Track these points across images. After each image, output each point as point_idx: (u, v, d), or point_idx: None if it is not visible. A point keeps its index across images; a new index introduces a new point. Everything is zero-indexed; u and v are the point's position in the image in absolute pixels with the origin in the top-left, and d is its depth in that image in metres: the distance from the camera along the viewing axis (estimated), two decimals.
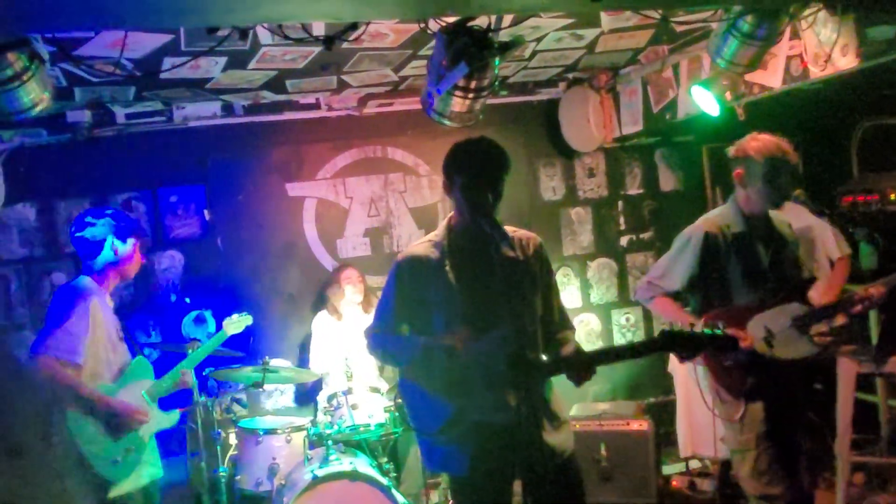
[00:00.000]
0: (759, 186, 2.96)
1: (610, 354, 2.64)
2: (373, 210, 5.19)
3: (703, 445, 4.39)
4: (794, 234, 3.18)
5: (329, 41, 2.58)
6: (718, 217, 3.08)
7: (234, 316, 4.04)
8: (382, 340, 2.59)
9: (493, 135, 4.93)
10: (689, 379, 4.18)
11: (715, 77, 3.91)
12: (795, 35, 3.60)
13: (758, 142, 2.98)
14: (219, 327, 4.80)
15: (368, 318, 4.57)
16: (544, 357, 2.53)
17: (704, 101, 3.97)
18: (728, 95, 3.94)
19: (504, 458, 2.40)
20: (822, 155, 5.55)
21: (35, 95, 2.75)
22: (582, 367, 2.35)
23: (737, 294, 3.00)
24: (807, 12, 3.44)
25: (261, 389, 4.19)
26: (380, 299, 2.62)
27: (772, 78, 3.81)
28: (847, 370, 4.12)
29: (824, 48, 3.39)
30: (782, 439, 2.91)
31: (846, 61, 3.35)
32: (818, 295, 3.17)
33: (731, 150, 3.07)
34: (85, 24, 2.41)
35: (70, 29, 2.68)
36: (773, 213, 3.12)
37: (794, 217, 3.22)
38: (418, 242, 2.62)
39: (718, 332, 2.32)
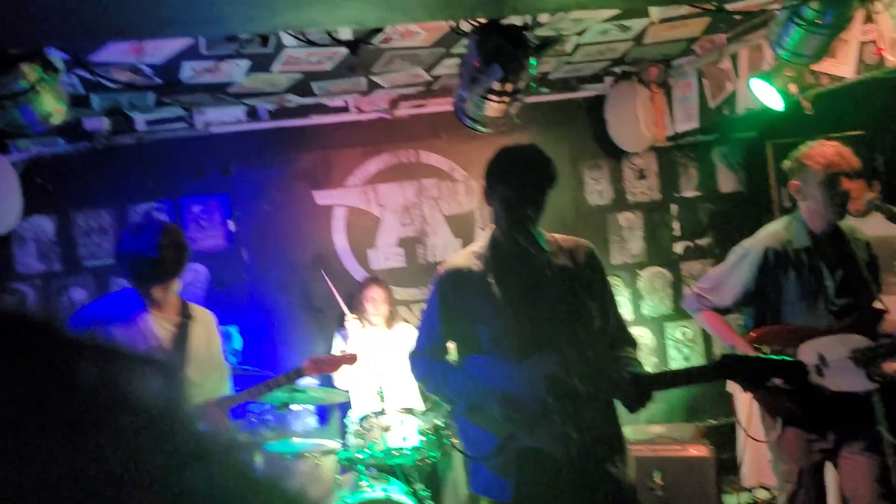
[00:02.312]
0: (817, 199, 2.90)
1: (667, 379, 2.59)
2: (406, 218, 5.19)
3: (769, 474, 4.26)
4: (871, 255, 3.07)
5: (354, 46, 2.59)
6: (781, 230, 3.01)
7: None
8: (428, 368, 2.58)
9: (533, 136, 5.07)
10: (751, 398, 4.07)
11: (777, 68, 3.81)
12: (869, 19, 3.48)
13: (814, 149, 2.93)
14: (247, 344, 4.91)
15: (391, 333, 4.61)
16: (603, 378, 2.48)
17: (766, 95, 3.87)
18: (792, 88, 3.83)
19: (556, 490, 2.36)
20: None
21: (50, 107, 2.84)
22: (637, 392, 2.31)
23: (794, 316, 2.93)
24: None
25: (289, 411, 4.22)
26: (423, 316, 2.63)
27: (842, 67, 3.69)
28: None
29: None
30: (823, 478, 2.84)
31: None
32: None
33: (786, 162, 3.02)
34: (100, 38, 2.47)
35: (86, 43, 2.75)
36: (848, 230, 3.03)
37: (874, 225, 3.11)
38: (460, 253, 2.63)
39: (787, 357, 2.29)
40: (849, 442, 2.91)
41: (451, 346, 2.60)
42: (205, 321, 2.84)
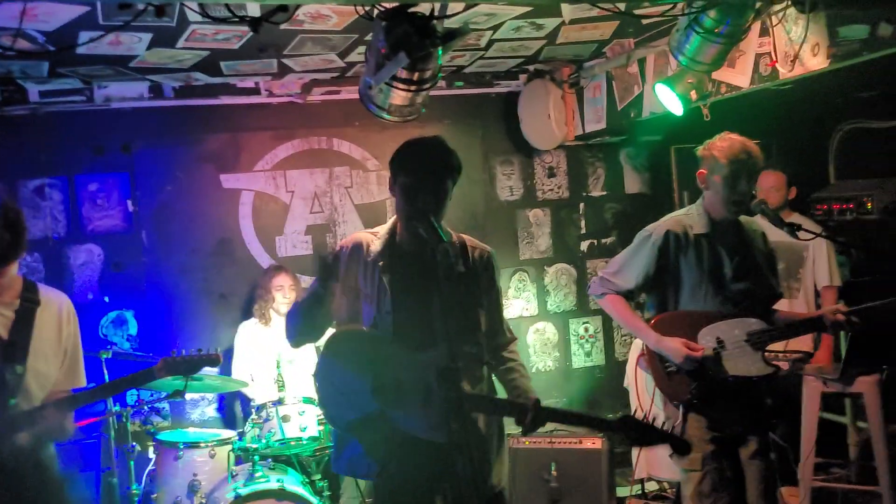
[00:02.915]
0: (719, 188, 3.00)
1: (564, 416, 2.67)
2: (316, 206, 5.12)
3: (660, 466, 4.42)
4: (767, 246, 3.20)
5: (257, 24, 2.51)
6: (683, 216, 3.11)
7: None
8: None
9: (447, 128, 5.08)
10: (645, 394, 4.20)
11: (680, 75, 3.93)
12: (765, 32, 3.63)
13: (724, 142, 3.01)
14: (143, 329, 4.74)
15: None
16: (498, 394, 2.62)
17: (668, 100, 3.99)
18: (693, 95, 3.97)
19: (426, 476, 2.41)
20: (799, 160, 5.64)
21: None
22: (534, 421, 2.41)
23: (693, 299, 3.03)
24: (776, 8, 3.48)
25: (182, 399, 4.10)
26: (314, 281, 2.61)
27: (740, 77, 3.84)
28: (812, 390, 4.19)
29: (794, 47, 3.43)
30: (728, 462, 2.95)
31: (816, 62, 3.39)
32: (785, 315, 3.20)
33: (699, 149, 3.11)
34: None
35: None
36: (746, 221, 3.15)
37: (770, 231, 3.25)
38: (363, 231, 2.68)
39: (677, 435, 2.47)
40: (745, 442, 3.02)
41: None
42: (55, 307, 2.62)
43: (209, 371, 4.20)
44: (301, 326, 2.59)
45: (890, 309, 2.97)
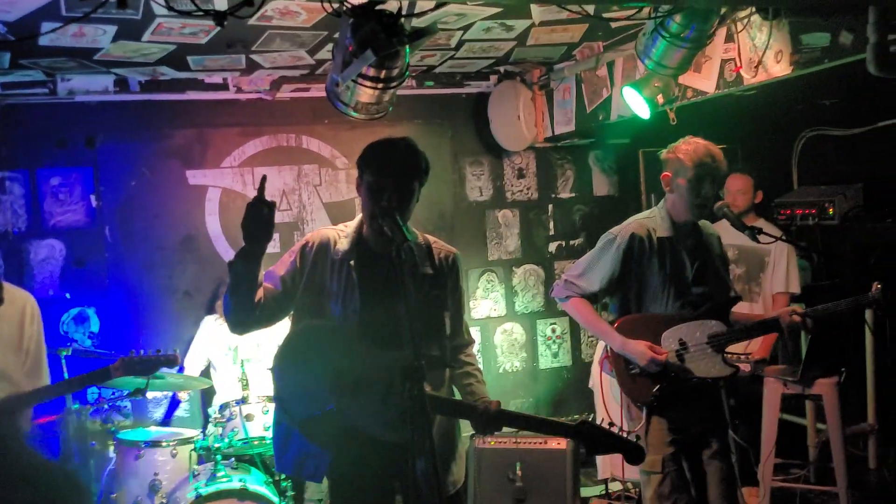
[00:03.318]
0: (683, 191, 3.03)
1: (521, 420, 2.66)
2: (284, 203, 5.09)
3: (625, 467, 4.45)
4: (722, 250, 3.25)
5: (221, 17, 2.49)
6: (647, 219, 3.13)
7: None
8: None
9: (417, 128, 5.08)
10: (609, 396, 4.23)
11: (647, 78, 3.97)
12: (730, 38, 3.69)
13: (689, 146, 3.05)
14: (103, 325, 4.67)
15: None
16: (456, 398, 2.61)
17: (635, 103, 4.03)
18: (660, 98, 4.01)
19: (381, 476, 2.41)
20: (764, 165, 5.73)
21: None
22: (492, 423, 2.43)
23: (656, 302, 3.07)
24: (741, 15, 3.53)
25: (144, 397, 4.04)
26: (276, 265, 2.54)
27: (705, 82, 3.89)
28: (772, 391, 4.25)
29: (758, 53, 3.48)
30: (688, 463, 2.98)
31: (780, 68, 3.45)
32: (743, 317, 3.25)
33: (663, 152, 3.13)
34: None
35: None
36: (703, 225, 3.19)
37: (726, 234, 3.29)
38: (330, 227, 2.63)
39: (633, 441, 2.47)
40: (707, 443, 3.07)
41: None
42: (18, 304, 2.56)
43: (167, 370, 4.17)
44: (234, 299, 2.40)
45: (844, 310, 3.03)
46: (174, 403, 4.71)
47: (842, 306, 3.00)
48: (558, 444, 4.26)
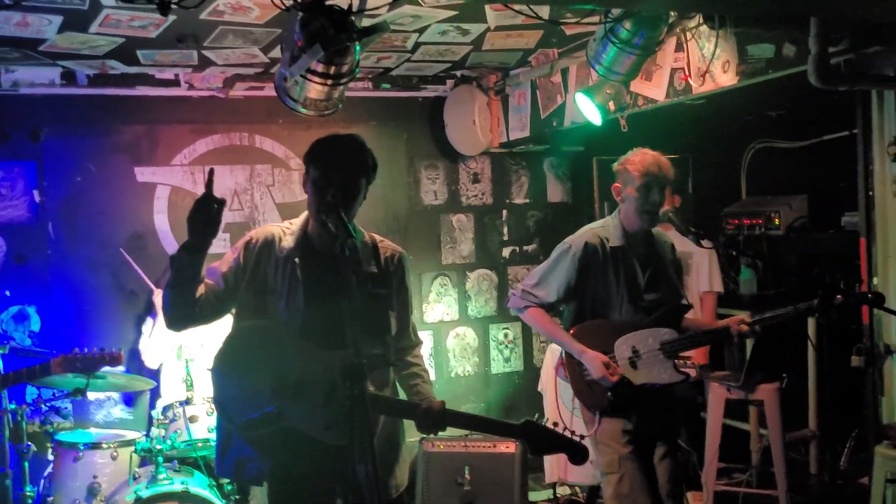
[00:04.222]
0: (631, 201, 3.09)
1: (466, 421, 2.63)
2: (235, 203, 5.01)
3: (572, 471, 4.47)
4: (675, 258, 3.31)
5: (164, 6, 2.44)
6: (600, 229, 3.19)
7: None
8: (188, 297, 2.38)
9: (373, 130, 5.06)
10: (559, 399, 4.25)
11: (599, 85, 4.01)
12: (680, 47, 3.75)
13: (637, 156, 3.12)
14: (44, 325, 4.53)
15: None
16: (400, 397, 2.59)
17: (588, 110, 4.07)
18: (611, 105, 4.06)
19: (322, 479, 2.36)
20: (714, 175, 5.84)
21: None
22: (435, 423, 2.40)
23: (610, 309, 3.12)
24: (690, 24, 3.59)
25: (85, 398, 3.93)
26: (218, 263, 2.48)
27: (656, 90, 3.94)
28: (716, 396, 4.32)
29: (706, 62, 3.55)
30: (646, 463, 3.02)
31: (727, 78, 3.52)
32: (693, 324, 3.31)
33: (615, 165, 3.20)
34: None
35: None
36: (657, 233, 3.25)
37: (677, 240, 3.35)
38: (274, 224, 2.59)
39: (576, 440, 2.46)
40: (657, 445, 3.13)
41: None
42: None
43: (117, 369, 4.06)
44: (174, 293, 2.34)
45: (790, 317, 3.09)
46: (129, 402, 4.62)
47: (787, 314, 3.06)
48: (507, 447, 4.27)
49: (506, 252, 5.65)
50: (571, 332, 3.13)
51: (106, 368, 3.68)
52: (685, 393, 4.17)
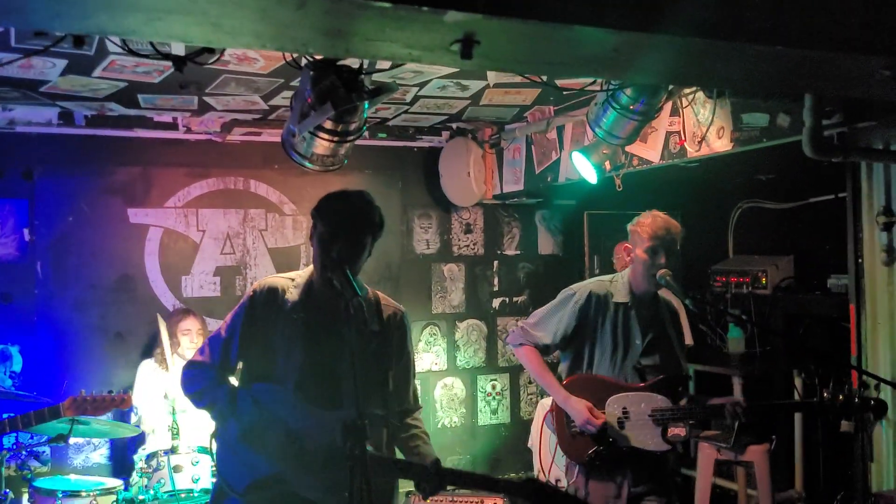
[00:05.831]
0: (639, 262, 3.11)
1: (466, 479, 2.61)
2: (227, 247, 5.00)
3: None
4: (679, 326, 3.32)
5: (180, 62, 2.46)
6: (608, 282, 3.21)
7: None
8: (208, 381, 2.46)
9: (368, 178, 5.09)
10: (548, 452, 4.23)
11: (596, 145, 4.08)
12: (675, 112, 3.84)
13: (648, 218, 3.14)
14: (26, 365, 4.45)
15: None
16: (399, 456, 2.56)
17: (583, 168, 4.13)
18: (607, 165, 4.13)
19: None
20: (702, 234, 5.92)
21: None
22: (435, 483, 2.36)
23: (605, 364, 3.13)
24: (687, 91, 3.69)
25: (66, 444, 3.85)
26: (220, 330, 2.49)
27: (651, 152, 4.03)
28: (706, 456, 4.32)
29: (701, 128, 3.63)
30: None
31: (721, 144, 3.60)
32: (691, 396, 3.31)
33: (629, 225, 3.22)
34: None
35: None
36: (665, 300, 3.26)
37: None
38: (279, 275, 2.58)
39: (581, 500, 2.45)
40: (649, 501, 3.09)
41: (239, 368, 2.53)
42: None
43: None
44: (196, 399, 2.50)
45: (786, 409, 3.07)
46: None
47: (784, 407, 3.05)
48: (494, 502, 4.22)
49: (496, 303, 5.67)
50: (566, 382, 3.14)
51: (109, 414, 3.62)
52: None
